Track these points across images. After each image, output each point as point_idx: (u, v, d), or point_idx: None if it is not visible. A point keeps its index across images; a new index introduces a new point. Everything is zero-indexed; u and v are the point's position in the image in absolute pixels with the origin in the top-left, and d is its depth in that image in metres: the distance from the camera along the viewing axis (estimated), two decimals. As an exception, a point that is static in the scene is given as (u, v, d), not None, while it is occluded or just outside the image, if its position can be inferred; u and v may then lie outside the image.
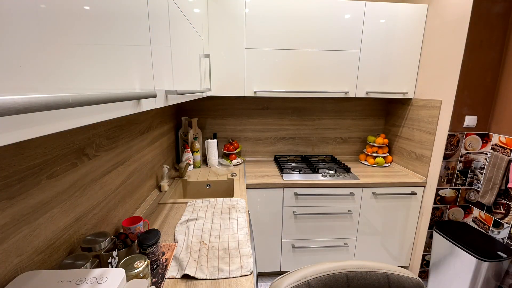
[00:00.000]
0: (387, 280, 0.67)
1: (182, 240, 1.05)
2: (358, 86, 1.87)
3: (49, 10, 0.29)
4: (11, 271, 0.57)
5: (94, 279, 0.57)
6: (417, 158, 1.87)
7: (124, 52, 0.48)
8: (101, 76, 0.40)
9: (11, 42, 0.24)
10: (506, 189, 1.51)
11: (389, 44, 1.81)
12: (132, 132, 1.22)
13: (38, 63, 0.27)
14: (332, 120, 2.25)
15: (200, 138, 2.13)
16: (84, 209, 0.84)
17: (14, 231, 0.58)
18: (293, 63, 1.80)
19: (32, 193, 0.63)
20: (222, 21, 1.70)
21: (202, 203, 1.39)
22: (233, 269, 0.88)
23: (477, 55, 1.52)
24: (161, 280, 0.83)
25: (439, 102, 1.67)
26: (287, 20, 1.72)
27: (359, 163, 2.17)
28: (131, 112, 0.52)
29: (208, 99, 2.12)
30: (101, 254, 0.74)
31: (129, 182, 1.19)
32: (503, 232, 1.54)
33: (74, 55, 0.33)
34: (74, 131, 0.79)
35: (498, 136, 1.56)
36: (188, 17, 1.07)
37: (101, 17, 0.40)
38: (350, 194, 1.78)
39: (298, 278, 0.66)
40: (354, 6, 1.73)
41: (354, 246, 1.90)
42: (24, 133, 0.26)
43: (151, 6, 0.63)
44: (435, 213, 1.76)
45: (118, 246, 0.84)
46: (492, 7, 1.47)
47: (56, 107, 0.24)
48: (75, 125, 0.34)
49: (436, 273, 1.72)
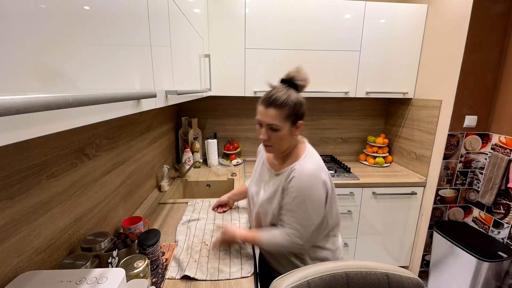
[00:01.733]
0: (387, 280, 0.67)
1: (182, 241, 1.05)
2: (358, 86, 1.87)
3: (49, 10, 0.29)
4: (11, 271, 0.57)
5: (94, 279, 0.57)
6: (417, 158, 1.87)
7: (124, 52, 0.48)
8: (101, 76, 0.40)
9: (11, 42, 0.24)
10: (506, 189, 1.51)
11: (389, 44, 1.81)
12: (132, 132, 1.22)
13: (38, 63, 0.27)
14: (332, 120, 2.25)
15: (200, 138, 2.13)
16: (84, 209, 0.84)
17: (14, 231, 0.58)
18: (293, 63, 1.80)
19: (32, 193, 0.63)
20: (222, 21, 1.70)
21: (202, 203, 1.39)
22: (234, 270, 0.88)
23: (477, 55, 1.52)
24: (161, 280, 0.83)
25: (439, 102, 1.67)
26: (287, 20, 1.72)
27: (359, 163, 2.17)
28: (131, 112, 0.52)
29: (208, 99, 2.12)
30: (101, 254, 0.74)
31: (129, 182, 1.19)
32: (503, 232, 1.54)
33: (74, 55, 0.33)
34: (74, 131, 0.79)
35: (498, 136, 1.56)
36: (188, 17, 1.07)
37: (101, 17, 0.40)
38: (350, 194, 1.78)
39: (298, 278, 0.66)
40: (354, 6, 1.73)
41: (354, 246, 1.90)
42: (24, 133, 0.26)
43: (151, 6, 0.63)
44: (435, 213, 1.76)
45: (118, 246, 0.84)
46: (492, 7, 1.47)
47: (56, 107, 0.24)
48: (75, 125, 0.34)
49: (436, 273, 1.72)
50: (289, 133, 0.86)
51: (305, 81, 0.87)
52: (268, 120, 0.84)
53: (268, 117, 0.84)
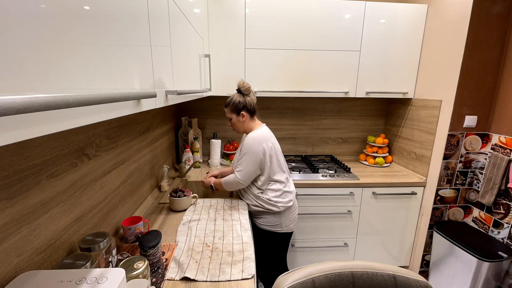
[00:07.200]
0: (394, 282, 0.66)
1: (183, 242, 1.04)
2: (358, 86, 1.87)
3: (49, 10, 0.29)
4: (11, 271, 0.57)
5: (94, 279, 0.57)
6: (417, 158, 1.87)
7: (124, 52, 0.48)
8: (101, 76, 0.40)
9: (11, 42, 0.24)
10: (506, 189, 1.51)
11: (389, 44, 1.81)
12: (132, 132, 1.22)
13: (38, 63, 0.27)
14: (332, 120, 2.25)
15: (200, 138, 2.13)
16: (84, 209, 0.84)
17: (14, 231, 0.58)
18: (293, 63, 1.80)
19: (32, 193, 0.63)
20: (222, 21, 1.70)
21: (203, 203, 1.39)
22: (234, 272, 0.88)
23: (477, 55, 1.52)
24: (161, 280, 0.83)
25: (439, 102, 1.67)
26: (287, 20, 1.72)
27: (359, 163, 2.17)
28: (131, 112, 0.52)
29: (208, 99, 2.12)
30: (100, 254, 0.74)
31: (129, 182, 1.19)
32: (503, 232, 1.54)
33: (74, 55, 0.33)
34: (74, 131, 0.79)
35: (498, 136, 1.56)
36: (188, 17, 1.07)
37: (101, 17, 0.40)
38: (350, 194, 1.78)
39: (303, 275, 0.66)
40: (354, 6, 1.73)
41: (354, 246, 1.90)
42: (24, 133, 0.26)
43: (151, 6, 0.63)
44: (435, 213, 1.76)
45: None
46: (492, 7, 1.47)
47: (56, 107, 0.24)
48: (75, 125, 0.34)
49: (436, 273, 1.72)
50: (237, 120, 1.40)
51: (246, 89, 1.39)
52: (226, 115, 1.43)
53: (226, 113, 1.43)
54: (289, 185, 1.44)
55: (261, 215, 1.41)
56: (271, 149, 1.35)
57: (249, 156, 1.32)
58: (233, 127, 1.45)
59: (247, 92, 1.39)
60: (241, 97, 1.37)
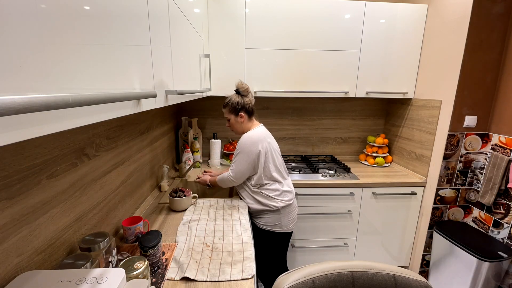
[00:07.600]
0: (394, 282, 0.66)
1: (183, 242, 1.04)
2: (358, 86, 1.87)
3: (49, 10, 0.29)
4: (11, 271, 0.57)
5: (94, 279, 0.57)
6: (417, 158, 1.87)
7: (124, 52, 0.48)
8: (101, 76, 0.40)
9: (11, 42, 0.24)
10: (506, 189, 1.51)
11: (389, 44, 1.81)
12: (132, 132, 1.22)
13: (38, 63, 0.27)
14: (332, 120, 2.25)
15: (200, 138, 2.13)
16: (84, 209, 0.84)
17: (14, 231, 0.58)
18: (293, 63, 1.80)
19: (32, 193, 0.63)
20: (222, 21, 1.70)
21: (203, 203, 1.39)
22: (234, 272, 0.88)
23: (477, 55, 1.52)
24: (161, 280, 0.83)
25: (439, 102, 1.67)
26: (287, 20, 1.72)
27: (359, 163, 2.17)
28: (131, 112, 0.52)
29: (208, 99, 2.12)
30: (100, 254, 0.74)
31: (129, 182, 1.19)
32: (503, 232, 1.54)
33: (74, 55, 0.33)
34: (74, 131, 0.79)
35: (498, 136, 1.56)
36: (188, 17, 1.07)
37: (101, 17, 0.40)
38: (350, 194, 1.78)
39: (303, 275, 0.66)
40: (354, 6, 1.73)
41: (354, 246, 1.90)
42: (24, 133, 0.26)
43: (151, 6, 0.63)
44: (435, 213, 1.76)
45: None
46: (492, 7, 1.47)
47: (56, 107, 0.24)
48: (75, 125, 0.34)
49: (436, 273, 1.72)
50: (236, 121, 1.42)
51: (245, 90, 1.41)
52: (224, 115, 1.45)
53: (224, 113, 1.45)
54: (288, 185, 1.45)
55: (261, 214, 1.41)
56: (267, 148, 1.36)
57: (243, 156, 1.34)
58: (231, 127, 1.47)
59: (245, 93, 1.41)
60: (239, 98, 1.39)
